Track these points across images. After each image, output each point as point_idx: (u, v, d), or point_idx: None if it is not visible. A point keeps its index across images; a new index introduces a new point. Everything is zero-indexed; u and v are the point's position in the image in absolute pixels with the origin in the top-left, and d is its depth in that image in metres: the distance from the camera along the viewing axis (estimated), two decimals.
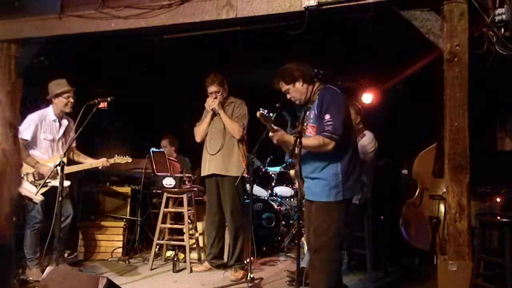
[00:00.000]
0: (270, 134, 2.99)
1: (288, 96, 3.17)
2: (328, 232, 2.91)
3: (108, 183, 5.43)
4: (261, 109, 2.88)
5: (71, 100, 4.19)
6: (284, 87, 3.13)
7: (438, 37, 3.30)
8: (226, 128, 4.29)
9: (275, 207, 5.57)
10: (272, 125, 2.93)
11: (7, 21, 4.42)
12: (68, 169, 3.84)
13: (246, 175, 4.25)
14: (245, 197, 4.58)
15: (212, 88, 4.33)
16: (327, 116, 2.87)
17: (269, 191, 5.93)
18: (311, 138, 2.97)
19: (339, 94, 3.02)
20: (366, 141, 4.14)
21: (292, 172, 3.31)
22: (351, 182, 2.95)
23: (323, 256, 2.92)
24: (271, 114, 2.93)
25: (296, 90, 3.11)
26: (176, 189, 4.57)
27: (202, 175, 4.48)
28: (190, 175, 4.85)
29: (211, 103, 4.32)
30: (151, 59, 5.78)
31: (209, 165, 4.38)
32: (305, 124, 3.13)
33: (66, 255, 4.64)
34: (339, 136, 2.85)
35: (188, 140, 4.65)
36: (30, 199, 3.59)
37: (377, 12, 3.46)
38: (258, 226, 5.27)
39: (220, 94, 4.32)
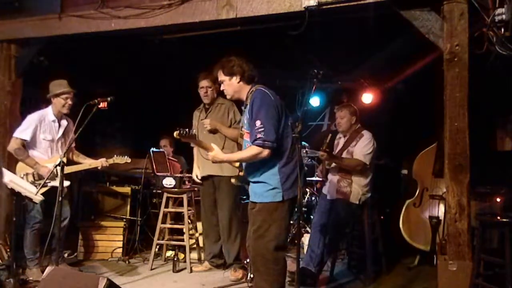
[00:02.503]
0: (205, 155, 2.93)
1: (222, 88, 3.14)
2: (269, 234, 2.87)
3: (108, 183, 5.43)
4: (177, 128, 2.82)
5: (69, 102, 4.17)
6: (221, 77, 3.07)
7: (438, 37, 3.29)
8: (228, 137, 4.20)
9: None
10: (201, 142, 2.87)
11: (7, 21, 4.43)
12: (67, 169, 3.83)
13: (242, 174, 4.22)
14: (244, 197, 4.57)
15: (203, 83, 4.29)
16: (258, 123, 2.82)
17: None
18: (244, 152, 2.97)
19: (268, 96, 2.92)
20: (364, 142, 4.11)
21: (233, 180, 3.29)
22: (290, 183, 2.90)
23: (265, 258, 2.88)
24: (190, 131, 2.85)
25: (231, 85, 3.05)
26: (176, 189, 4.57)
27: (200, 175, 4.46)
28: (190, 175, 4.84)
29: (206, 124, 4.21)
30: (151, 59, 5.77)
31: (204, 167, 4.36)
32: (242, 129, 3.11)
33: (66, 255, 4.64)
34: (272, 141, 2.82)
35: None
36: (30, 199, 3.58)
37: (377, 12, 3.46)
38: None
39: (211, 90, 4.29)
